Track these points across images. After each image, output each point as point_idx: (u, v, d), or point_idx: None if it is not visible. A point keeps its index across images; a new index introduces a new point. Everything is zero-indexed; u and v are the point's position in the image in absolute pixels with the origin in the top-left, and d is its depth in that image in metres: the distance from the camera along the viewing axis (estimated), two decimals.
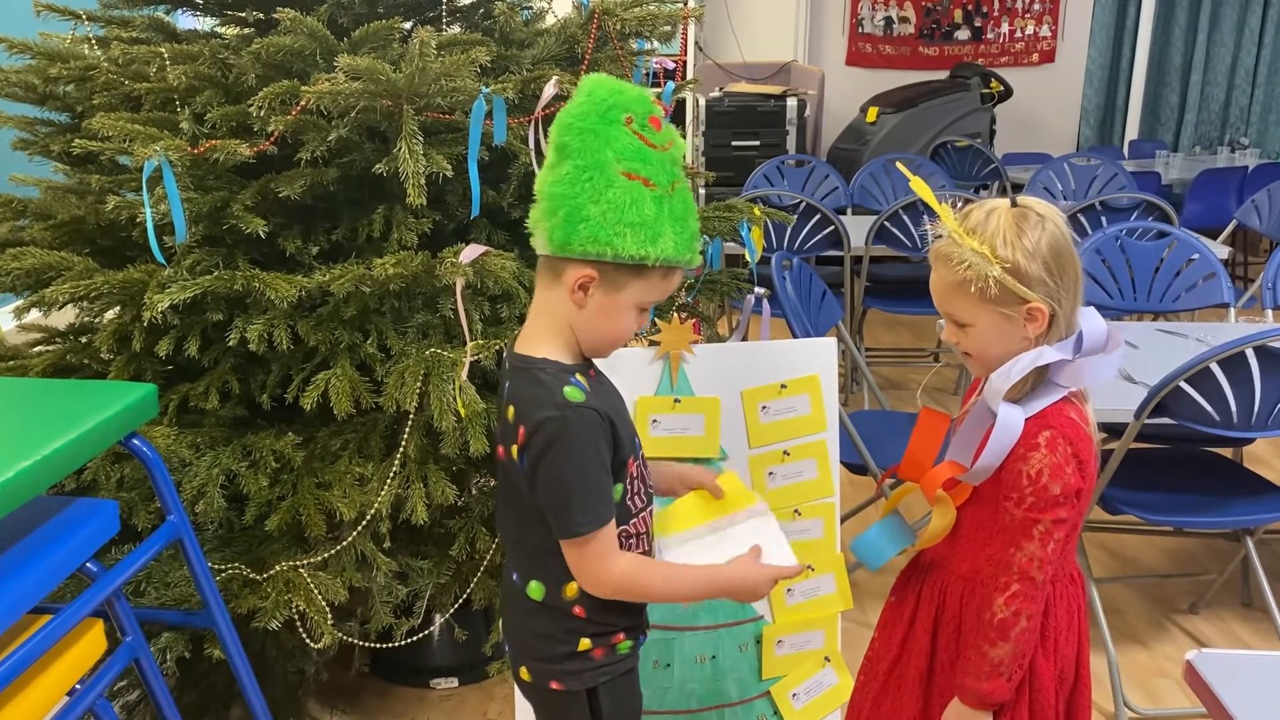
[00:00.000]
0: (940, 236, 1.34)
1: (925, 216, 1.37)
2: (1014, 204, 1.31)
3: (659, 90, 2.13)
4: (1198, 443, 2.49)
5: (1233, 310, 2.86)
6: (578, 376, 1.28)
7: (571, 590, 1.32)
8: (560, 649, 1.35)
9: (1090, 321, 1.33)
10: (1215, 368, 1.97)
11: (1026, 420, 1.32)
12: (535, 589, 1.34)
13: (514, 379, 1.30)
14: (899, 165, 1.46)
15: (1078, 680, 1.43)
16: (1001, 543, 1.33)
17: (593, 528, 1.25)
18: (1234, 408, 2.01)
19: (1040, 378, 1.33)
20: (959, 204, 1.35)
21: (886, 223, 3.69)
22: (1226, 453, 2.64)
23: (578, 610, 1.33)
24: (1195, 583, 2.75)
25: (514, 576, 1.38)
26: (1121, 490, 2.23)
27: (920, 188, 1.36)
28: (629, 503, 1.34)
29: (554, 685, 1.35)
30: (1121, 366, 2.32)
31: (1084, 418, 1.35)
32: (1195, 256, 2.96)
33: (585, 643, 1.34)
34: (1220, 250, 3.30)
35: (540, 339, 1.30)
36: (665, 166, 1.25)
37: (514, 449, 1.27)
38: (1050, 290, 1.29)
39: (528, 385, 1.27)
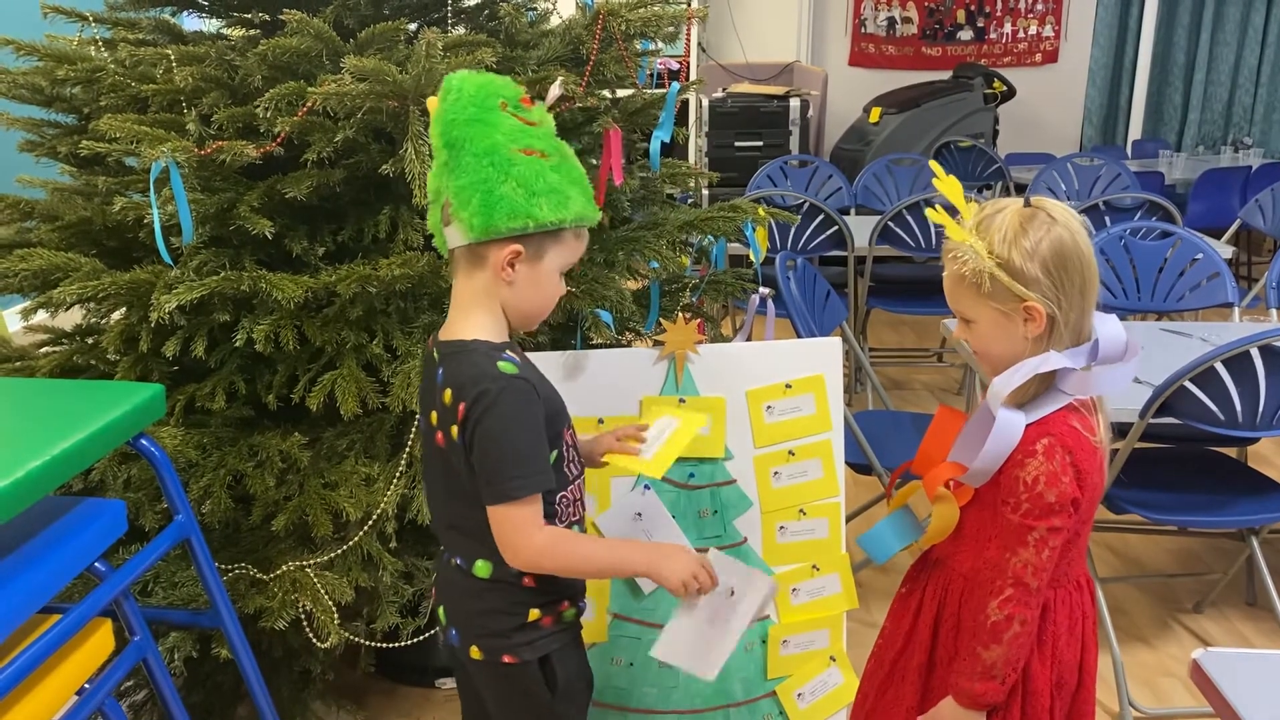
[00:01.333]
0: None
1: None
2: (1027, 204, 1.31)
3: (663, 91, 2.14)
4: (1202, 442, 2.49)
5: (1237, 310, 2.87)
6: (509, 352, 1.34)
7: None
8: (510, 622, 1.39)
9: (1108, 329, 1.31)
10: (1220, 367, 1.97)
11: (1028, 426, 1.32)
12: (482, 567, 1.38)
13: (447, 364, 1.34)
14: (931, 164, 1.47)
15: (1080, 686, 1.43)
16: (998, 547, 1.34)
17: (526, 492, 1.30)
18: (1239, 407, 2.00)
19: (1046, 384, 1.33)
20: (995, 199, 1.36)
21: (890, 223, 3.69)
22: (1231, 452, 2.63)
23: (527, 581, 1.37)
24: (1200, 582, 2.75)
25: (456, 561, 1.41)
26: (1126, 490, 2.23)
27: (946, 186, 1.37)
28: (565, 470, 1.40)
29: (506, 659, 1.39)
30: None
31: (1089, 427, 1.34)
32: (1199, 256, 2.96)
33: (534, 613, 1.39)
34: (1224, 250, 3.30)
35: (467, 325, 1.35)
36: (548, 139, 1.35)
37: (453, 429, 1.31)
38: (1048, 291, 1.28)
39: (463, 366, 1.32)
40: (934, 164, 1.46)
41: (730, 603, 1.42)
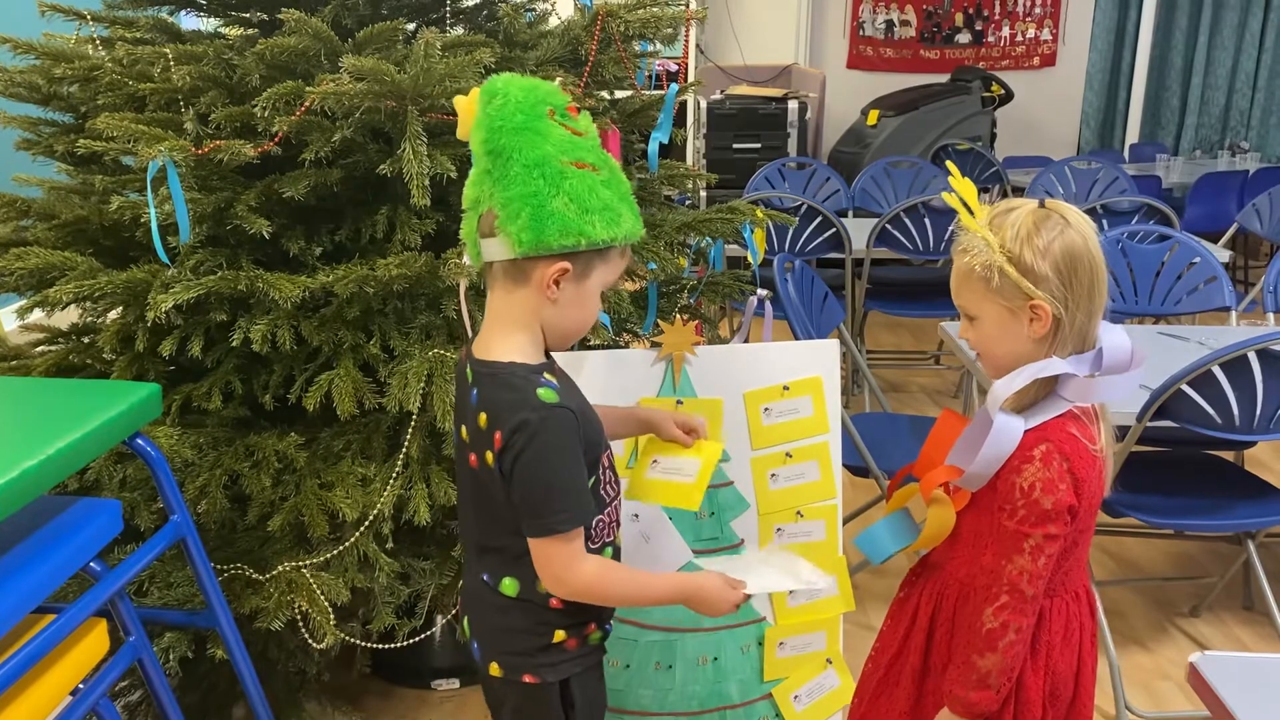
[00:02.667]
0: (965, 231, 1.35)
1: (956, 215, 1.38)
2: (1041, 205, 1.31)
3: (662, 92, 2.14)
4: (1199, 445, 2.49)
5: (1234, 313, 2.87)
6: (547, 376, 1.30)
7: (541, 584, 1.34)
8: (535, 642, 1.36)
9: (1114, 339, 1.31)
10: (1217, 370, 1.97)
11: (1026, 432, 1.31)
12: (509, 585, 1.35)
13: (483, 385, 1.30)
14: (949, 164, 1.48)
15: (1075, 699, 1.42)
16: (994, 553, 1.33)
17: (571, 526, 1.27)
18: (1236, 411, 2.01)
19: (1047, 389, 1.32)
20: (994, 202, 1.36)
21: (888, 225, 3.69)
22: (1228, 456, 2.64)
23: (554, 602, 1.34)
24: (1196, 586, 2.75)
25: (483, 577, 1.38)
26: (1123, 493, 2.23)
27: (961, 186, 1.37)
28: (602, 492, 1.36)
29: (527, 679, 1.36)
30: None
31: (1089, 435, 1.33)
32: (1197, 260, 2.96)
33: (560, 634, 1.36)
34: (1221, 254, 3.30)
35: (503, 342, 1.30)
36: (596, 151, 1.29)
37: (489, 455, 1.27)
38: (1056, 291, 1.28)
39: (500, 390, 1.27)
40: (950, 164, 1.46)
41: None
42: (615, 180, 1.30)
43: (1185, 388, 2.00)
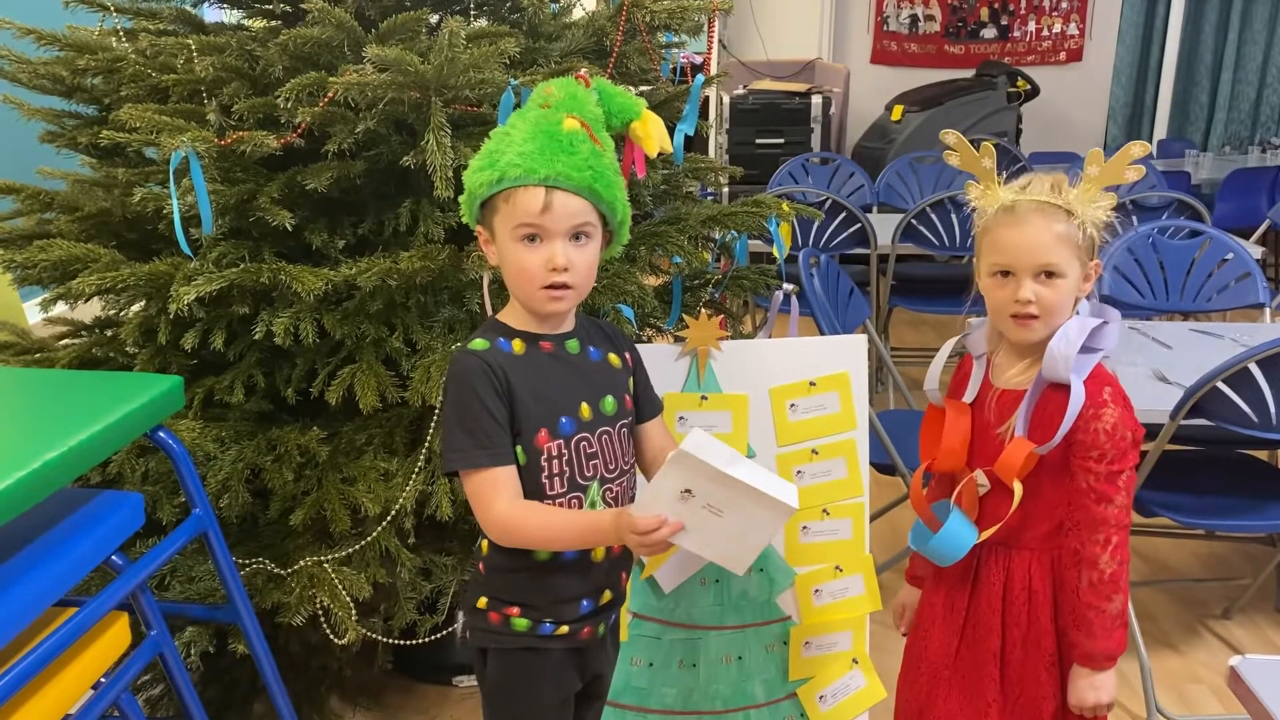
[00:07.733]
0: (975, 207, 1.48)
1: (969, 185, 1.51)
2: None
3: (686, 86, 2.11)
4: (1232, 445, 2.45)
5: (1268, 310, 2.82)
6: (504, 338, 1.32)
7: (484, 546, 1.38)
8: (470, 599, 1.41)
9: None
10: (1254, 368, 1.93)
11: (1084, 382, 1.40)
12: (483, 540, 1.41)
13: None
14: (950, 134, 1.56)
15: None
16: (1089, 503, 1.41)
17: (461, 464, 1.28)
18: (1273, 409, 1.96)
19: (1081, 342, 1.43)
20: (1004, 178, 1.49)
21: (913, 221, 3.66)
22: (1261, 455, 2.59)
23: (481, 566, 1.39)
24: (1228, 587, 2.71)
25: None
26: (1154, 492, 2.19)
27: (964, 150, 1.52)
28: (543, 481, 1.32)
29: (468, 632, 1.41)
30: (1156, 367, 2.29)
31: None
32: (1229, 256, 2.91)
33: (483, 601, 1.38)
34: (1254, 250, 3.25)
35: (505, 308, 1.38)
36: (552, 111, 1.28)
37: None
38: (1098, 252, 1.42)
39: None
40: (952, 134, 1.55)
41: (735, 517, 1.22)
42: (538, 128, 1.27)
43: (1221, 385, 1.96)
